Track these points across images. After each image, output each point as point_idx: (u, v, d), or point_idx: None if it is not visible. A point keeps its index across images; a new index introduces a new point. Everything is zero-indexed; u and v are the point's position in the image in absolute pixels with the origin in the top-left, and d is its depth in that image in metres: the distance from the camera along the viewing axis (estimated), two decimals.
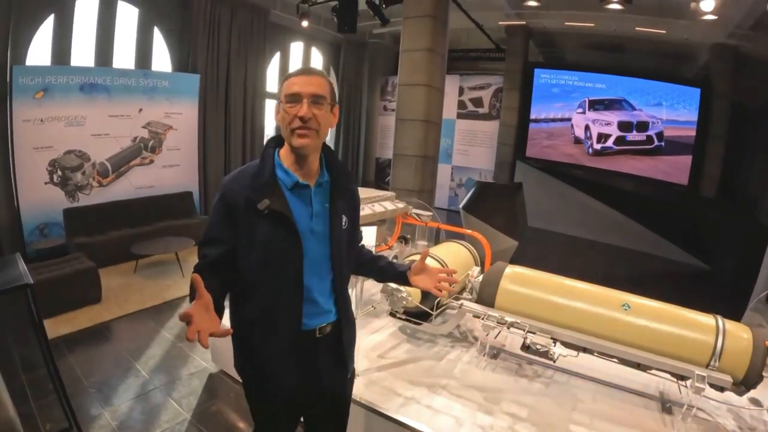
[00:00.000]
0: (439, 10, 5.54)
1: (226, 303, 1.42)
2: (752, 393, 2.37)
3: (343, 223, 1.52)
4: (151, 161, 6.81)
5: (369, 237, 2.38)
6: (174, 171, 7.10)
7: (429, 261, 2.80)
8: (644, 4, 7.03)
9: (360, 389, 2.38)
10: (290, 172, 1.42)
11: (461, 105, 11.20)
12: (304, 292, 1.41)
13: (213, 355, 3.39)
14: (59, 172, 5.76)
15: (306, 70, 1.40)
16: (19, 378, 2.92)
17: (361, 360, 2.61)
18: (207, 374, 3.31)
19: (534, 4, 5.28)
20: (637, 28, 7.93)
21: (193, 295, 1.23)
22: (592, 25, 8.27)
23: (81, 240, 5.41)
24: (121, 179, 6.46)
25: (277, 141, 1.48)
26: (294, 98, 1.35)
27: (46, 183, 5.66)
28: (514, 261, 6.48)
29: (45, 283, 4.03)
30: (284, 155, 1.45)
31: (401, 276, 1.74)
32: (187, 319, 1.09)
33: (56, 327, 3.87)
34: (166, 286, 4.98)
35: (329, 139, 11.60)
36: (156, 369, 3.38)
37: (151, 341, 3.80)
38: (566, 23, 8.57)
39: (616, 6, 5.24)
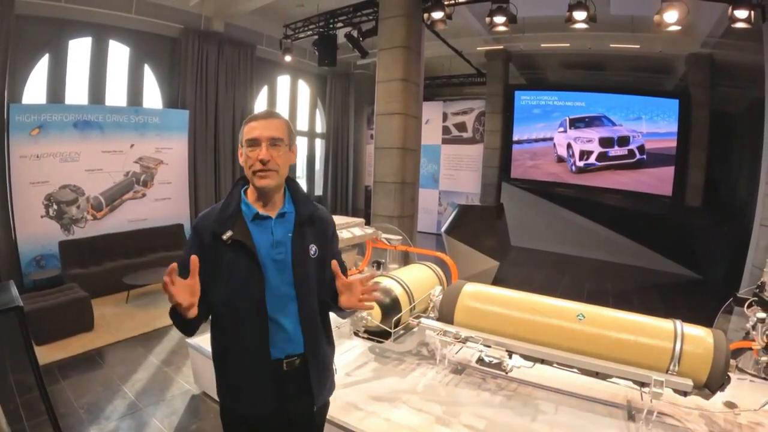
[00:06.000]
0: (411, 41, 5.76)
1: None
2: (730, 397, 2.41)
3: (312, 252, 1.55)
4: (144, 195, 7.00)
5: None
6: (165, 204, 7.27)
7: (391, 283, 2.98)
8: (616, 21, 7.20)
9: None
10: (251, 206, 1.52)
11: (446, 130, 11.36)
12: (269, 320, 1.46)
13: (195, 378, 3.55)
14: (55, 206, 5.97)
15: (264, 115, 1.52)
16: (14, 400, 3.10)
17: None
18: (189, 395, 3.47)
19: (503, 29, 5.48)
20: (611, 45, 8.11)
21: (173, 311, 1.38)
22: (567, 45, 8.48)
23: (76, 271, 5.58)
24: (114, 213, 6.65)
25: (246, 180, 1.56)
26: (254, 142, 1.46)
27: (42, 216, 5.86)
28: (499, 281, 6.56)
29: (40, 311, 4.23)
30: (250, 192, 1.55)
31: (335, 298, 1.60)
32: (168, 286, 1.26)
33: (50, 353, 4.04)
34: (157, 314, 5.11)
35: (318, 168, 11.80)
36: (142, 391, 3.53)
37: (139, 366, 3.96)
38: (542, 45, 8.81)
39: (582, 25, 5.42)
